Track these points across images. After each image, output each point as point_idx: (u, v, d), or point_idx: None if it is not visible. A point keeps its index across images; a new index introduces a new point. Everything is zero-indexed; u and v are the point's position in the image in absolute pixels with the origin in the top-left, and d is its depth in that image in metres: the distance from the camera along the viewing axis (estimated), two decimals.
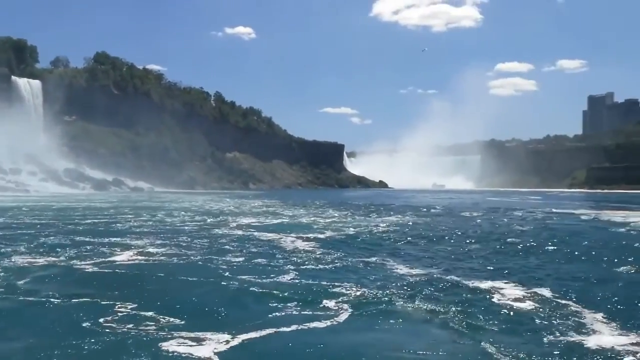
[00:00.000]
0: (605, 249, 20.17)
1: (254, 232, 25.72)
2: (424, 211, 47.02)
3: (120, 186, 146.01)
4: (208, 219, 35.77)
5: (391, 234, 25.21)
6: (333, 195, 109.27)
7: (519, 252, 19.30)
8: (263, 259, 16.83)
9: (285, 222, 33.34)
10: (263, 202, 69.13)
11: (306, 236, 23.51)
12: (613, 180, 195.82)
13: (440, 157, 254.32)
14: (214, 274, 14.70)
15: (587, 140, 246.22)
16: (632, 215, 38.85)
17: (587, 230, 28.83)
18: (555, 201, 78.74)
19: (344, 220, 34.88)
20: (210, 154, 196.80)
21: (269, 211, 46.53)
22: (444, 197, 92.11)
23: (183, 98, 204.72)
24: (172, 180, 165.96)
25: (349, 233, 25.49)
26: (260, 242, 21.45)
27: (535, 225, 31.17)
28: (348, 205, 60.11)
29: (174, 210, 48.25)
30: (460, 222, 33.45)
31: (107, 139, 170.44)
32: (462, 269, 15.43)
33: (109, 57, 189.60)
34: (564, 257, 18.23)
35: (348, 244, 20.96)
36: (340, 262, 16.42)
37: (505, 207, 54.59)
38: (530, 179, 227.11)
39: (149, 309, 10.62)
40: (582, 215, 41.59)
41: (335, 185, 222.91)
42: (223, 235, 24.96)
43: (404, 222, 33.16)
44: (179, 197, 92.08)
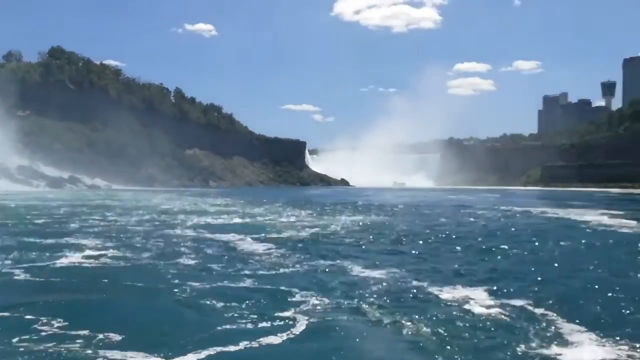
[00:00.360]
0: (572, 249, 19.67)
1: (211, 233, 24.41)
2: (387, 210, 46.31)
3: (76, 184, 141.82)
4: (164, 218, 34.23)
5: (354, 234, 24.20)
6: (294, 193, 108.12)
7: (486, 253, 18.48)
8: (217, 263, 15.61)
9: (244, 221, 32.08)
10: (223, 200, 67.52)
11: (265, 237, 22.35)
12: (567, 178, 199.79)
13: (400, 155, 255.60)
14: (162, 280, 13.44)
15: (542, 139, 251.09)
16: (591, 214, 38.91)
17: (552, 229, 28.37)
18: (514, 199, 79.37)
19: (305, 219, 33.79)
20: (170, 151, 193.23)
21: (228, 210, 45.13)
22: (405, 195, 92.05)
23: (142, 94, 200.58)
24: (130, 178, 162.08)
25: (311, 234, 24.38)
26: (215, 243, 20.20)
27: (500, 224, 30.62)
28: (310, 203, 59.09)
29: (130, 209, 46.38)
30: (424, 221, 32.69)
31: (63, 135, 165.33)
32: (429, 273, 14.51)
33: (64, 52, 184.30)
34: (533, 258, 17.51)
35: (309, 245, 19.87)
36: (300, 266, 15.33)
37: (468, 205, 54.45)
38: (488, 177, 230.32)
39: (80, 324, 9.29)
40: (545, 213, 41.39)
41: (297, 183, 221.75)
42: (177, 236, 23.60)
43: (368, 222, 32.25)
44: (137, 195, 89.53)
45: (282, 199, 71.52)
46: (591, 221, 31.35)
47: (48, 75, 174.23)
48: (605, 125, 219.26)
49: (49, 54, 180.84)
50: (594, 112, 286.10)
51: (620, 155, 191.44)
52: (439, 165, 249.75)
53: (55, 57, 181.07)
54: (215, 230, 26.07)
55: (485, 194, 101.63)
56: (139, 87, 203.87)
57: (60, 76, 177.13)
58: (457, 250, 18.80)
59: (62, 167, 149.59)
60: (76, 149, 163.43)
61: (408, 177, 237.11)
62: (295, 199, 73.37)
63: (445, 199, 74.46)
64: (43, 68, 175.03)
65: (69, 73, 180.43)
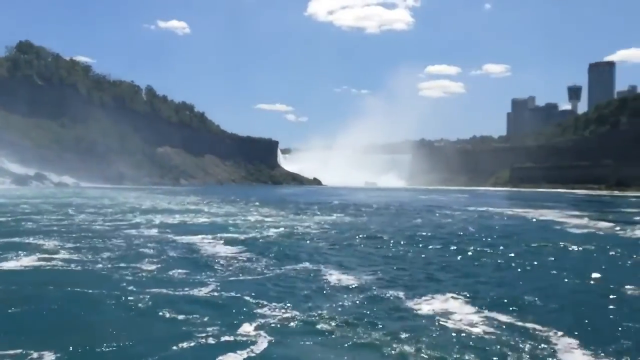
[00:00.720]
0: (549, 252, 18.94)
1: (175, 234, 23.11)
2: (361, 210, 45.39)
3: (42, 181, 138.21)
4: (129, 218, 32.76)
5: (326, 235, 23.15)
6: (266, 192, 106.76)
7: (463, 257, 17.60)
8: (178, 268, 14.38)
9: (212, 221, 30.80)
10: (191, 198, 65.91)
11: (232, 239, 21.16)
12: (534, 179, 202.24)
13: (372, 156, 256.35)
14: (116, 286, 12.19)
15: (510, 141, 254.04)
16: (566, 215, 38.58)
17: (527, 230, 27.74)
18: (487, 199, 79.33)
19: (275, 219, 32.67)
20: (141, 149, 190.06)
21: (196, 209, 43.71)
22: (377, 195, 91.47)
23: (113, 91, 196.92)
24: (99, 175, 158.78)
25: (281, 235, 23.27)
26: (179, 246, 18.95)
27: (478, 226, 29.78)
28: (281, 202, 57.93)
29: (95, 207, 44.64)
30: (400, 223, 31.67)
31: (31, 131, 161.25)
32: (404, 280, 13.51)
33: (32, 47, 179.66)
34: (511, 262, 16.72)
35: (278, 248, 18.75)
36: (267, 270, 14.22)
37: (441, 206, 53.87)
38: (458, 177, 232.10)
39: (10, 342, 8.08)
40: (520, 214, 40.91)
41: (269, 182, 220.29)
42: (140, 237, 22.24)
43: (340, 222, 31.22)
44: (104, 193, 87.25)
45: (253, 197, 70.21)
46: (568, 223, 30.84)
47: (15, 70, 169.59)
48: (572, 128, 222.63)
49: (16, 49, 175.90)
50: (561, 115, 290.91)
51: (586, 158, 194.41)
52: (410, 166, 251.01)
53: (23, 51, 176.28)
54: (180, 231, 24.77)
55: (456, 195, 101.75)
56: (109, 84, 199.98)
57: (29, 71, 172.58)
58: (435, 255, 17.79)
59: (29, 164, 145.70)
60: (44, 145, 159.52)
61: (380, 177, 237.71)
62: (266, 197, 72.13)
63: (418, 199, 74.03)
64: (10, 63, 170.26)
65: (37, 68, 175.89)
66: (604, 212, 47.56)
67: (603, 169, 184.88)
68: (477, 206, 53.14)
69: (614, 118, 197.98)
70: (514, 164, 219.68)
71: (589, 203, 72.20)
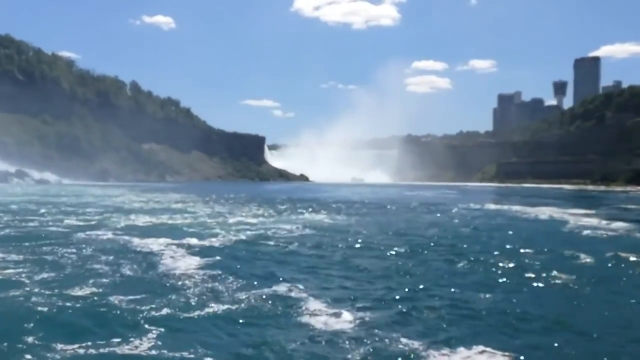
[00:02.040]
0: (594, 267, 15.78)
1: (140, 237, 19.71)
2: (349, 208, 42.09)
3: (23, 178, 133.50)
4: (96, 218, 29.31)
5: (312, 242, 19.52)
6: (252, 189, 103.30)
7: (485, 277, 13.49)
8: (124, 292, 10.99)
9: (185, 222, 27.36)
10: (172, 196, 62.30)
11: (201, 246, 17.82)
12: (520, 174, 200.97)
13: (359, 151, 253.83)
14: (34, 317, 8.90)
15: (496, 136, 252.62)
16: (568, 213, 35.59)
17: (543, 233, 24.17)
18: (478, 196, 76.41)
19: (255, 219, 29.35)
20: (125, 145, 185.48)
21: (172, 207, 40.20)
22: (365, 192, 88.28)
23: (96, 86, 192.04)
24: (83, 172, 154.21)
25: (258, 241, 19.87)
26: (135, 257, 15.57)
27: (481, 227, 26.01)
28: (265, 200, 54.54)
29: (67, 205, 41.05)
30: (395, 223, 28.02)
31: (11, 127, 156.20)
32: (408, 317, 9.91)
33: (13, 41, 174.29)
34: (557, 285, 13.19)
35: (248, 258, 15.40)
36: (228, 296, 10.72)
37: (435, 203, 50.67)
38: (444, 173, 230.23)
39: None
40: (520, 212, 37.52)
41: (255, 178, 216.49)
42: (98, 241, 18.83)
43: (328, 223, 27.68)
44: (85, 190, 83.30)
45: (237, 194, 66.77)
46: (581, 223, 27.64)
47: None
48: (558, 123, 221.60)
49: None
50: (547, 110, 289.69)
51: (571, 153, 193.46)
52: (396, 161, 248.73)
53: (3, 46, 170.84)
54: (147, 233, 21.38)
55: (445, 190, 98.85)
56: (93, 79, 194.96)
57: (9, 66, 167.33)
58: (445, 273, 13.86)
59: (10, 160, 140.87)
60: (25, 142, 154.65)
61: (366, 172, 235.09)
62: (251, 194, 68.71)
63: (408, 196, 70.82)
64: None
65: (18, 63, 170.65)
66: (608, 208, 44.61)
67: (588, 164, 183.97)
68: (470, 203, 50.03)
69: (600, 113, 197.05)
70: (500, 160, 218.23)
71: (583, 199, 69.61)
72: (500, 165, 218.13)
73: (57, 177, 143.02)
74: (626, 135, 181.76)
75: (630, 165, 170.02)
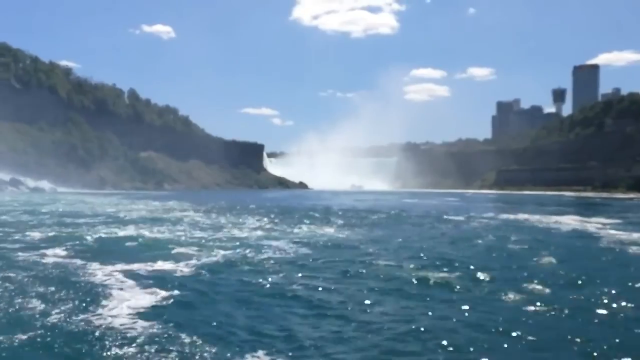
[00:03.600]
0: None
1: (90, 260, 15.99)
2: (351, 218, 38.30)
3: (18, 186, 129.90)
4: (63, 231, 25.68)
5: (304, 267, 15.61)
6: (249, 197, 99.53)
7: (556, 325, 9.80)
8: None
9: (162, 236, 23.68)
10: (162, 204, 58.57)
11: (164, 271, 14.19)
12: (520, 181, 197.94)
13: (358, 159, 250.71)
14: None
15: (496, 143, 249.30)
16: (603, 225, 31.89)
17: (586, 251, 20.50)
18: (482, 204, 72.78)
19: (244, 233, 25.62)
20: (123, 153, 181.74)
21: (156, 217, 36.51)
22: (366, 199, 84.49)
23: (94, 94, 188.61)
24: (78, 180, 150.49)
25: (236, 264, 15.83)
26: (70, 287, 11.94)
27: (505, 242, 22.48)
28: (260, 209, 50.82)
29: (46, 214, 37.43)
30: (407, 238, 23.85)
31: (7, 135, 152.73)
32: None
33: (10, 49, 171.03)
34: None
35: (216, 300, 11.21)
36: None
37: (439, 212, 46.93)
38: (444, 180, 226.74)
39: None
40: (540, 222, 33.56)
41: (254, 186, 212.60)
42: (36, 266, 15.18)
43: (328, 238, 23.68)
44: (77, 198, 79.58)
45: (231, 202, 63.08)
46: (621, 238, 23.83)
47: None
48: (557, 130, 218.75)
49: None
50: (546, 118, 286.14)
51: (571, 160, 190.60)
52: (395, 169, 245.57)
53: (0, 54, 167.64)
54: (106, 252, 17.69)
55: (447, 198, 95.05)
56: (90, 87, 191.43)
57: (5, 74, 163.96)
58: (493, 315, 9.93)
59: (4, 168, 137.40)
60: (21, 150, 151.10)
61: (365, 180, 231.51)
62: (246, 202, 64.94)
63: (411, 204, 67.11)
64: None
65: (14, 71, 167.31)
66: (626, 217, 40.89)
67: (589, 170, 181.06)
68: (482, 213, 46.31)
69: (599, 120, 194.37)
70: (499, 167, 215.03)
71: (593, 206, 65.84)
72: (500, 173, 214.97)
73: (52, 186, 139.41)
74: (626, 142, 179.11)
75: (630, 172, 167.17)
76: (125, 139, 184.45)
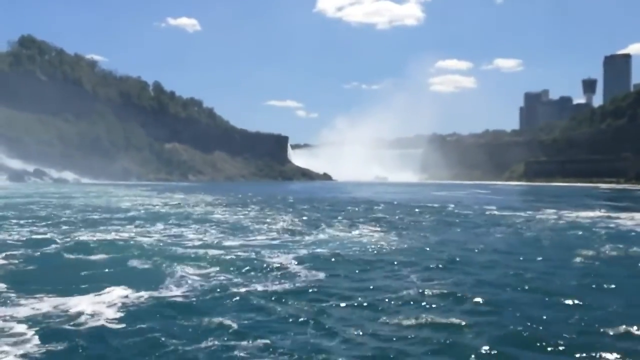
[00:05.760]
0: None
1: (45, 294, 11.95)
2: (381, 213, 33.82)
3: (41, 177, 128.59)
4: (50, 231, 21.83)
5: (323, 310, 9.22)
6: (273, 188, 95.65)
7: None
8: None
9: (159, 239, 19.56)
10: (181, 196, 54.88)
11: (123, 304, 9.96)
12: (550, 173, 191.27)
13: (383, 151, 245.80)
14: None
15: (523, 135, 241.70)
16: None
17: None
18: (516, 197, 67.54)
19: (248, 241, 20.96)
20: (148, 145, 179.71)
21: (164, 212, 32.55)
22: (392, 192, 79.81)
23: (119, 87, 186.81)
24: (103, 171, 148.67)
25: (222, 294, 10.35)
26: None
27: (604, 249, 17.53)
28: (282, 202, 46.71)
29: (56, 207, 33.83)
30: (451, 244, 18.66)
31: (33, 127, 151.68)
32: None
33: (35, 41, 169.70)
34: None
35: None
36: None
37: (480, 206, 42.06)
38: (470, 172, 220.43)
39: None
40: (615, 221, 28.23)
41: (279, 178, 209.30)
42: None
43: (355, 248, 17.79)
44: (100, 189, 76.67)
45: (253, 193, 59.14)
46: None
47: (18, 66, 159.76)
48: (587, 121, 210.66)
49: (18, 43, 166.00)
50: (575, 109, 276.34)
51: (603, 151, 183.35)
52: (421, 160, 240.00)
53: (25, 46, 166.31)
54: (71, 272, 13.67)
55: (476, 190, 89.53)
56: (115, 79, 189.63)
57: (31, 67, 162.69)
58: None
59: (30, 159, 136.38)
60: (46, 141, 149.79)
61: (390, 172, 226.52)
62: (269, 194, 60.87)
63: (443, 197, 62.25)
64: (12, 57, 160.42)
65: (40, 64, 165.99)
66: None
67: (621, 162, 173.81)
68: (524, 207, 41.33)
69: (632, 111, 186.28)
70: (527, 159, 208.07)
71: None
72: (528, 164, 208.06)
73: (76, 177, 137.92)
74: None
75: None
76: (150, 130, 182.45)
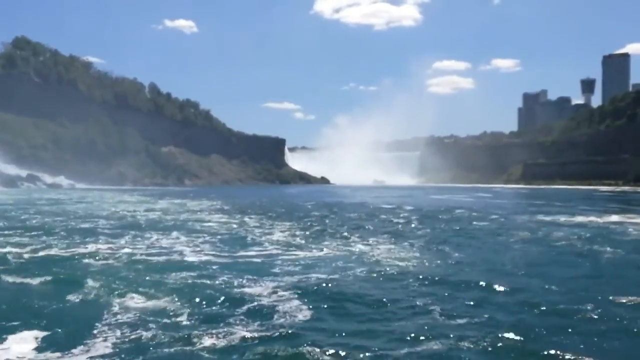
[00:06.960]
0: None
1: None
2: (386, 222, 31.36)
3: (35, 182, 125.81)
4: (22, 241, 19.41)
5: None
6: (269, 193, 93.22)
7: None
8: None
9: (119, 255, 17.24)
10: (169, 202, 52.39)
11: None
12: (549, 175, 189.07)
13: (381, 153, 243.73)
14: None
15: (522, 136, 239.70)
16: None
17: None
18: (520, 200, 65.03)
19: (223, 258, 18.97)
20: (144, 148, 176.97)
21: (144, 221, 30.15)
22: (393, 195, 77.23)
23: (114, 89, 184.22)
24: (98, 176, 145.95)
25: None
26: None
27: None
28: (276, 211, 44.30)
29: (33, 216, 31.39)
30: (470, 266, 15.82)
31: (26, 131, 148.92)
32: None
33: (29, 43, 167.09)
34: None
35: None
36: None
37: (485, 211, 39.74)
38: (468, 174, 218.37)
39: None
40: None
41: (276, 181, 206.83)
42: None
43: (361, 274, 14.97)
44: (97, 195, 73.95)
45: (248, 200, 56.75)
46: None
47: (11, 67, 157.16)
48: (587, 122, 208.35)
49: (12, 45, 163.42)
50: (574, 109, 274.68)
51: (602, 152, 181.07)
52: (419, 163, 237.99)
53: (19, 47, 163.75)
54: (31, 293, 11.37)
55: (477, 193, 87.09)
56: (111, 81, 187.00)
57: (25, 68, 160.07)
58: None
59: (23, 164, 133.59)
60: (40, 145, 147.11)
61: (388, 175, 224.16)
62: (265, 200, 58.47)
63: (444, 201, 59.78)
64: (5, 59, 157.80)
65: (34, 65, 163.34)
66: None
67: (621, 164, 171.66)
68: (533, 212, 38.98)
69: (631, 111, 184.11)
70: (526, 160, 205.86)
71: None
72: (526, 166, 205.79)
73: (70, 182, 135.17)
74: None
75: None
76: (146, 133, 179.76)
